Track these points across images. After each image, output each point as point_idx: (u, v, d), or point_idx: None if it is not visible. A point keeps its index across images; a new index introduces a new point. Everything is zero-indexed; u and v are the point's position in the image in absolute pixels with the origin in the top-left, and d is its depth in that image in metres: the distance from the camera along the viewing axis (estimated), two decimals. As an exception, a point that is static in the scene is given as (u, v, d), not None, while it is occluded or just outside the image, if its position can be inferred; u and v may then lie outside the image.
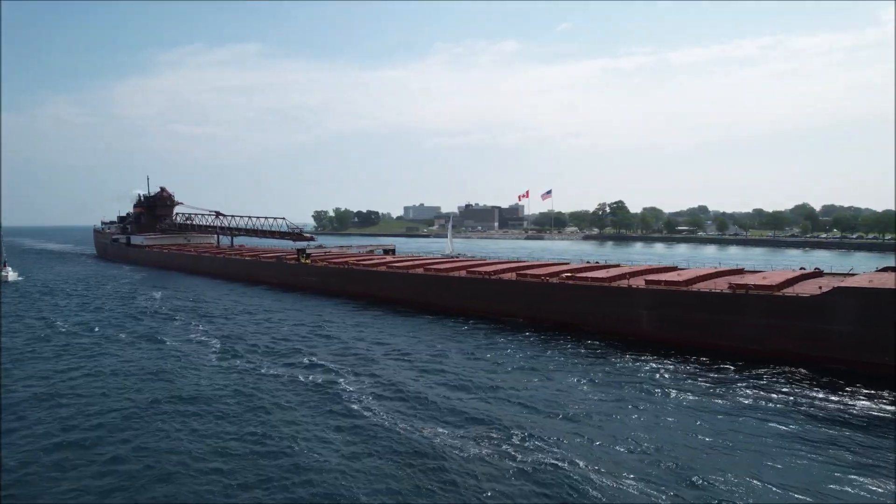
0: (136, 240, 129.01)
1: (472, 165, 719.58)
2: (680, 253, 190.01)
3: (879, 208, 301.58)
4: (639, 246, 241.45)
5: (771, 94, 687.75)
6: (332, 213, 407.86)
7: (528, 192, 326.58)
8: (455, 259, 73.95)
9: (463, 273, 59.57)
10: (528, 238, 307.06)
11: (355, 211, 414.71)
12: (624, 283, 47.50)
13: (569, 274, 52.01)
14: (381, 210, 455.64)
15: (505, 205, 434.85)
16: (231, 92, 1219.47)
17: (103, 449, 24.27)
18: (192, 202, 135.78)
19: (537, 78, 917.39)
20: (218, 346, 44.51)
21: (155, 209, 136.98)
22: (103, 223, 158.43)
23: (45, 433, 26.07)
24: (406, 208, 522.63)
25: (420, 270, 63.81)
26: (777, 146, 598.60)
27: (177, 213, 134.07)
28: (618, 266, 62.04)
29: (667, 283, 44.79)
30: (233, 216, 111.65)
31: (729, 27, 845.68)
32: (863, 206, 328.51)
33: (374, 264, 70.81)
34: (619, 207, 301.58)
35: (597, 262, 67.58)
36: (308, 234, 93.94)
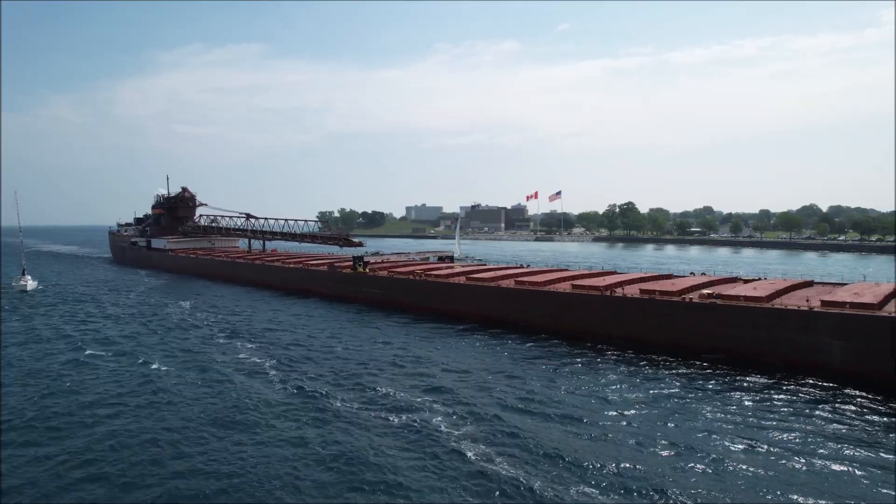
0: (158, 243, 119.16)
1: (473, 165, 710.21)
2: (694, 256, 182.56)
3: (882, 209, 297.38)
4: (650, 248, 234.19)
5: (771, 95, 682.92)
6: (336, 214, 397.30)
7: (536, 193, 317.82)
8: (550, 270, 64.86)
9: (567, 287, 51.23)
10: (537, 240, 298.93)
11: (360, 212, 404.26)
12: (792, 303, 39.36)
13: (708, 291, 43.82)
14: (383, 210, 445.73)
15: (507, 204, 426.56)
16: (231, 92, 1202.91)
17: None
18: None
19: (537, 78, 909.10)
20: (276, 374, 37.16)
21: (176, 210, 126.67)
22: (119, 225, 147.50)
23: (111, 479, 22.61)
24: (408, 208, 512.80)
25: (510, 283, 55.34)
26: (777, 146, 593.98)
27: (200, 215, 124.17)
28: (737, 280, 54.08)
29: (853, 305, 36.70)
30: (266, 219, 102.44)
31: (729, 27, 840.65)
32: (862, 206, 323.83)
33: (449, 275, 62.22)
34: (629, 209, 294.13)
35: (703, 273, 59.54)
36: (358, 241, 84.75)
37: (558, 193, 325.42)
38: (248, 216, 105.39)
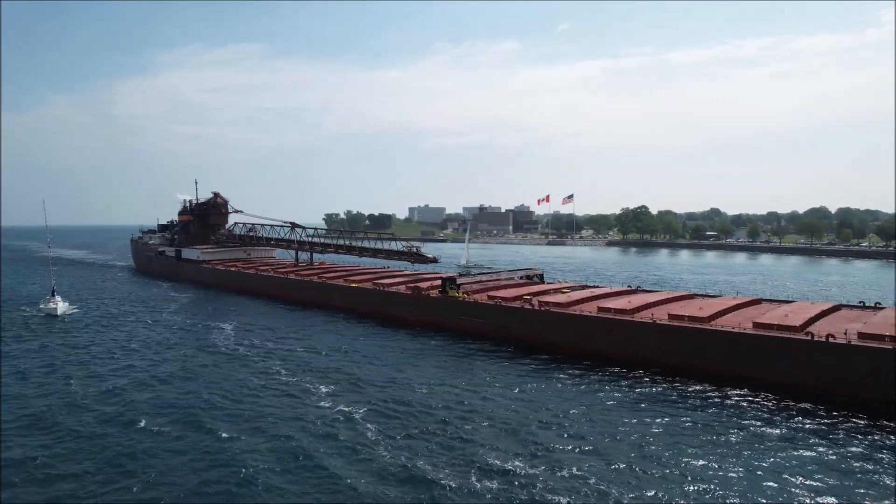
0: (190, 254, 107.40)
1: (474, 166, 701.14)
2: (713, 262, 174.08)
3: (886, 209, 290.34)
4: (664, 253, 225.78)
5: (771, 95, 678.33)
6: (343, 216, 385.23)
7: (548, 197, 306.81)
8: (697, 296, 53.45)
9: (748, 325, 41.16)
10: (549, 244, 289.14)
11: (367, 214, 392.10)
12: None
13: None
14: (385, 211, 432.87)
15: (510, 205, 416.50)
16: (231, 92, 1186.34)
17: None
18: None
19: (538, 78, 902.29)
20: (386, 444, 28.07)
21: (207, 217, 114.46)
22: (142, 231, 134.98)
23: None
24: (411, 209, 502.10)
25: (663, 317, 45.20)
26: (778, 147, 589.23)
27: (235, 223, 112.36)
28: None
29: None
30: (315, 229, 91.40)
31: (729, 27, 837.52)
32: (865, 207, 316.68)
33: (569, 303, 51.92)
34: (642, 212, 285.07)
35: (877, 304, 49.78)
36: (431, 256, 73.89)
37: (570, 197, 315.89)
38: (294, 225, 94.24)
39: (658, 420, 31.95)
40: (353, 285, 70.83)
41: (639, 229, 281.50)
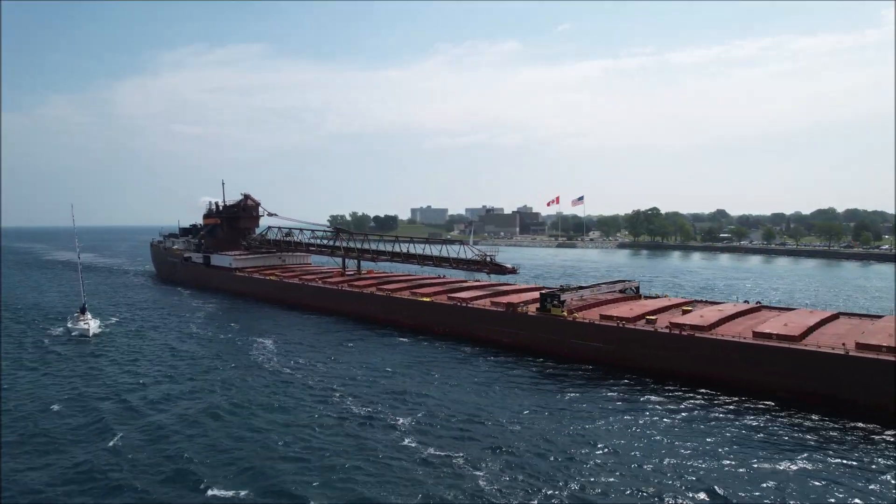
0: (220, 260, 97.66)
1: (475, 166, 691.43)
2: (728, 265, 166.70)
3: (888, 210, 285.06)
4: (677, 256, 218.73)
5: (772, 95, 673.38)
6: (348, 218, 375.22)
7: (558, 198, 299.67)
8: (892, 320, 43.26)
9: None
10: (559, 246, 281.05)
11: (372, 216, 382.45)
12: None
13: None
14: (388, 212, 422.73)
15: (512, 206, 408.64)
16: (231, 92, 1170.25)
17: None
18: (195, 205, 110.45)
19: (538, 78, 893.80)
20: None
21: (237, 221, 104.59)
22: (164, 235, 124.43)
23: None
24: (413, 210, 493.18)
25: (850, 345, 36.97)
26: (779, 147, 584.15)
27: (268, 227, 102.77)
28: None
29: None
30: (364, 235, 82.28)
31: (729, 27, 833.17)
32: (867, 209, 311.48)
33: (707, 326, 43.51)
34: (654, 215, 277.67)
35: None
36: (511, 267, 64.94)
37: (580, 199, 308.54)
38: (339, 230, 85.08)
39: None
40: (426, 300, 61.91)
41: (650, 231, 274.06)
